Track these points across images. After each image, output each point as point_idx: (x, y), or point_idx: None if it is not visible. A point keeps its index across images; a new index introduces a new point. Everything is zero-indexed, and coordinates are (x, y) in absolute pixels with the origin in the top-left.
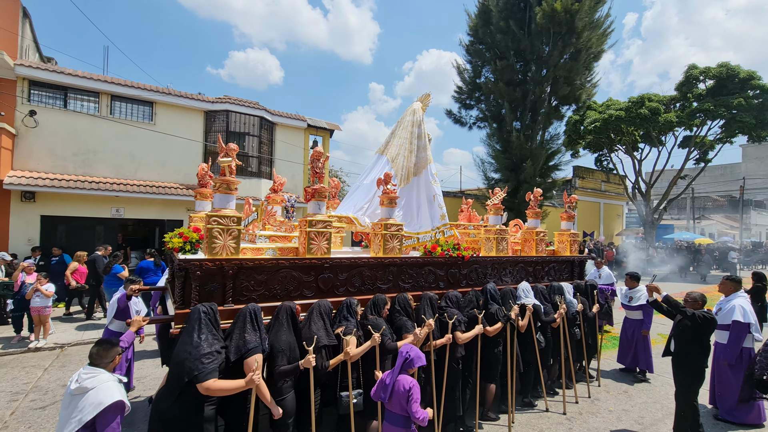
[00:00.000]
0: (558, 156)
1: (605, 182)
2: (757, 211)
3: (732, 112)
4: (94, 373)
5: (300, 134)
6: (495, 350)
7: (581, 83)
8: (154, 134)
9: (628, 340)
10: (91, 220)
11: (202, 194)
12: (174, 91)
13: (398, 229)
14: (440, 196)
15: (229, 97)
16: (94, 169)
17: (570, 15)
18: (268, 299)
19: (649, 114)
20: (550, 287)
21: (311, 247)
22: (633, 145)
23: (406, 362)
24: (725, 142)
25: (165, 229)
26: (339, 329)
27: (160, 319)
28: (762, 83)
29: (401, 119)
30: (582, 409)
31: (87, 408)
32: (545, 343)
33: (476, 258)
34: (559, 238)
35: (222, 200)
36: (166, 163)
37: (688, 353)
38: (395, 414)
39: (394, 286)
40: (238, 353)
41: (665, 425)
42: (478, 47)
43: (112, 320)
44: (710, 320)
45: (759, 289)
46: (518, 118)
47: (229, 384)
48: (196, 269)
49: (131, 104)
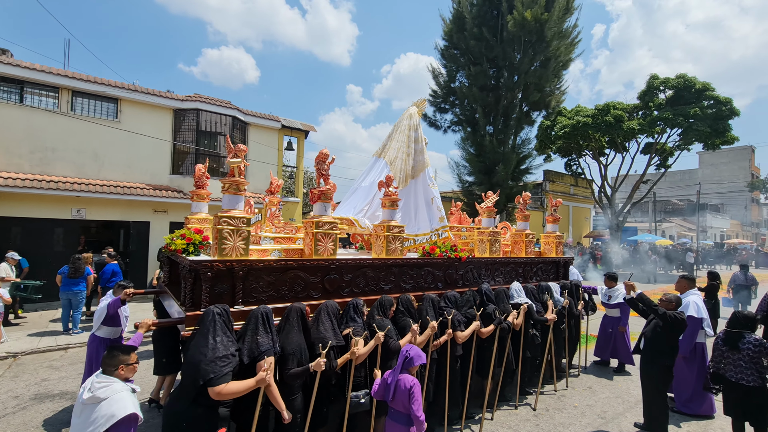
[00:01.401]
0: (529, 160)
1: (574, 186)
2: (712, 214)
3: (689, 121)
4: (107, 382)
5: (274, 135)
6: (489, 348)
7: (551, 90)
8: (119, 132)
9: (606, 336)
10: (50, 221)
11: (200, 195)
12: (141, 87)
13: (400, 231)
14: (438, 198)
15: (199, 95)
16: (53, 167)
17: (540, 24)
18: (277, 300)
19: (613, 121)
20: (539, 287)
21: (318, 249)
22: (599, 150)
23: (406, 361)
24: (683, 149)
25: (130, 231)
26: (347, 330)
27: (169, 322)
28: (716, 94)
29: (398, 123)
30: (549, 405)
31: (99, 420)
32: (539, 339)
33: (472, 259)
34: (545, 240)
35: (231, 201)
36: (132, 163)
37: (658, 352)
38: (399, 412)
39: (396, 286)
40: (251, 356)
41: (626, 418)
42: (453, 52)
43: (99, 326)
44: (681, 321)
45: (713, 287)
46: (491, 122)
47: (240, 385)
48: (206, 270)
49: (94, 100)
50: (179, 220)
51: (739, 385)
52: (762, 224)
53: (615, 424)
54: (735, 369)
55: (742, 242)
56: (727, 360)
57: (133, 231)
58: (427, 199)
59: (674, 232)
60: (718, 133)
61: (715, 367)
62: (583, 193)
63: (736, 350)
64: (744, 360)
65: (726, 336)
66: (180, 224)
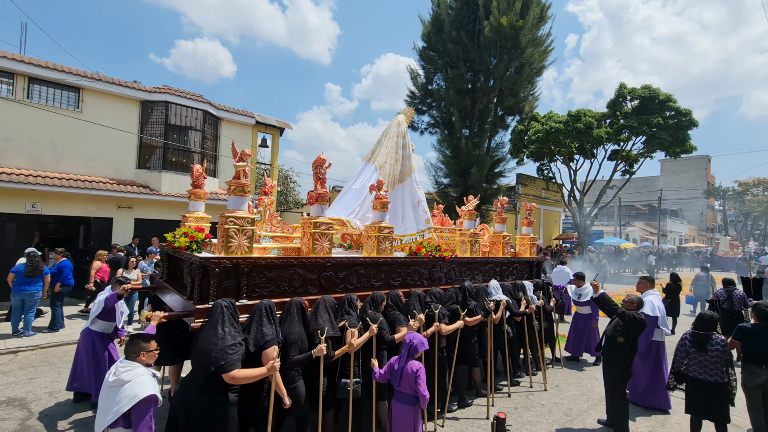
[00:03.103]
0: (503, 163)
1: (545, 190)
2: (672, 219)
3: (652, 130)
4: (130, 366)
5: (248, 131)
6: (471, 340)
7: (525, 96)
8: (80, 123)
9: (578, 332)
10: (1, 216)
11: (197, 195)
12: (104, 77)
13: (390, 232)
14: (424, 202)
15: (169, 87)
16: (5, 158)
17: (515, 31)
18: (277, 295)
19: (584, 128)
20: (515, 285)
21: (315, 247)
22: (570, 156)
23: (411, 348)
24: (646, 157)
25: (91, 228)
26: (343, 322)
27: (179, 314)
28: (677, 106)
29: (386, 130)
30: (517, 404)
31: (123, 400)
32: (512, 334)
33: (454, 258)
34: (520, 242)
35: (236, 202)
36: (95, 156)
37: (618, 350)
38: (405, 394)
39: (386, 283)
40: (257, 345)
41: (590, 415)
42: (431, 54)
43: (95, 320)
44: (640, 321)
45: (672, 288)
46: (467, 125)
47: (252, 372)
48: (215, 267)
49: (53, 89)
50: (146, 216)
51: (705, 383)
52: (716, 229)
53: (580, 421)
54: (700, 369)
55: (698, 246)
56: (693, 360)
57: (95, 227)
58: (414, 203)
59: (637, 236)
60: (678, 143)
61: (678, 367)
62: (553, 196)
63: (704, 351)
64: (710, 360)
65: (694, 338)
66: (147, 221)
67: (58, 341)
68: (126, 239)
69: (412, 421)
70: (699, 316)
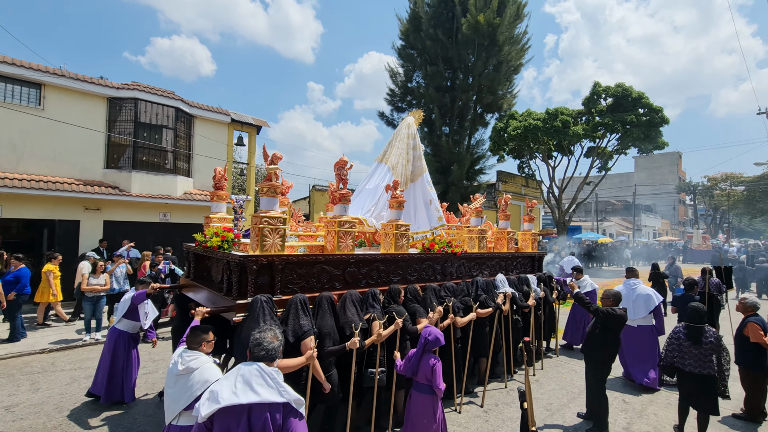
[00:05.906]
0: (483, 160)
1: (525, 186)
2: (646, 214)
3: (626, 127)
4: (195, 355)
5: (223, 129)
6: (484, 331)
7: (503, 93)
8: (42, 121)
9: (576, 322)
10: None
11: (219, 196)
12: (68, 72)
13: (406, 229)
14: (436, 200)
15: (138, 83)
16: None
17: (492, 28)
18: (307, 290)
19: (561, 126)
20: (519, 278)
21: (340, 245)
22: (548, 153)
23: (428, 343)
24: (621, 153)
25: (56, 231)
26: (368, 315)
27: (220, 309)
28: (650, 103)
29: (397, 132)
30: (498, 400)
31: (195, 385)
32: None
33: (464, 254)
34: (523, 237)
35: (269, 203)
36: (58, 155)
37: (595, 347)
38: (422, 384)
39: (403, 278)
40: (296, 335)
41: (569, 409)
42: (410, 52)
43: (121, 319)
44: (616, 317)
45: (655, 276)
46: (447, 123)
47: (293, 361)
48: (252, 264)
49: (12, 85)
50: (116, 218)
51: (699, 377)
52: (687, 223)
53: (560, 415)
54: (695, 362)
55: (671, 239)
56: (687, 354)
57: (60, 230)
58: (426, 201)
59: (614, 230)
60: (651, 139)
61: (670, 359)
62: (533, 193)
63: (699, 344)
64: (704, 353)
65: (689, 331)
66: (117, 223)
67: (19, 351)
68: (94, 243)
69: (431, 407)
70: (692, 308)
